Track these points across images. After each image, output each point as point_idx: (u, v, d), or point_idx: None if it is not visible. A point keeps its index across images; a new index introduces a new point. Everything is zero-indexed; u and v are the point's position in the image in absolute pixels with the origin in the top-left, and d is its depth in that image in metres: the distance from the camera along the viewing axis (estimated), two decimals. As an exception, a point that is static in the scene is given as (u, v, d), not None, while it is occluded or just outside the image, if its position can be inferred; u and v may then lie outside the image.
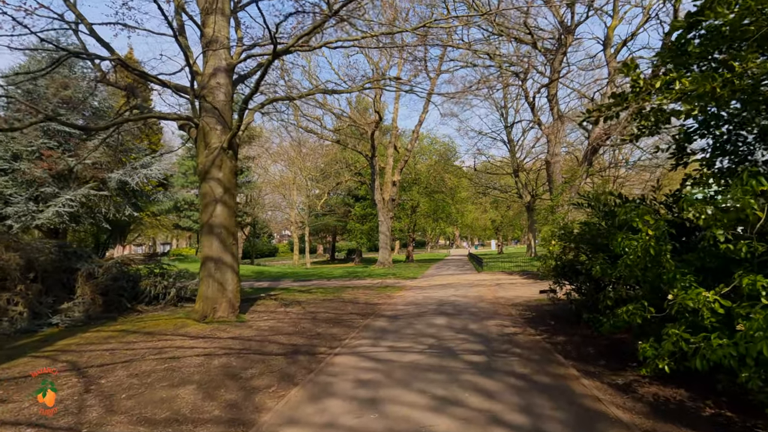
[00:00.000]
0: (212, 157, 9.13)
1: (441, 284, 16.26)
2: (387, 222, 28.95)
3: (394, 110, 29.89)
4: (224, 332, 7.77)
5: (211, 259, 9.10)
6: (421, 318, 8.76)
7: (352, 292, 14.12)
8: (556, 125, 22.42)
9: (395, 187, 29.25)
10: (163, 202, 41.81)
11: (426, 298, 12.19)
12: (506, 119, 32.73)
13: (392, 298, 12.61)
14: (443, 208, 41.30)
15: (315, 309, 10.58)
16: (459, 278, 18.60)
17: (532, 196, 31.39)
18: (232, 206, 9.38)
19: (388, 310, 10.11)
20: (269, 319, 9.22)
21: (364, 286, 16.53)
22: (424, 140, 42.98)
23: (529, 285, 14.26)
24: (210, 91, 9.20)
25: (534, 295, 11.63)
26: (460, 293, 12.89)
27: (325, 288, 15.89)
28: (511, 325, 7.61)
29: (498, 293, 12.51)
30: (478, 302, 10.77)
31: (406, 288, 15.35)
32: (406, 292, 13.88)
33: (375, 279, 19.79)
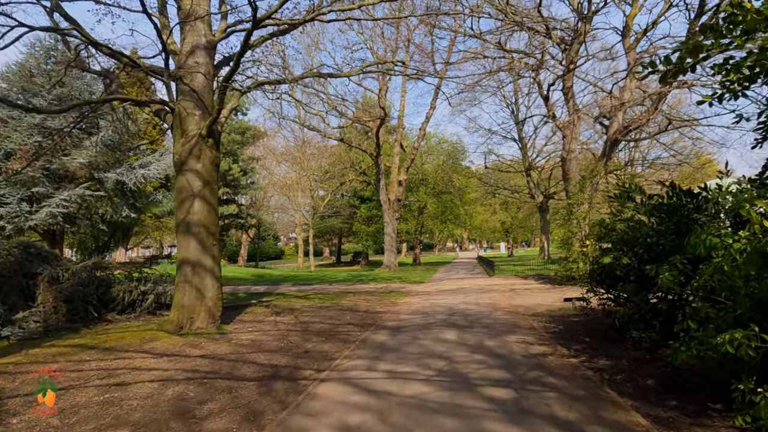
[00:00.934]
0: (189, 145, 8.02)
1: (450, 290, 15.00)
2: (393, 223, 27.77)
3: (400, 107, 28.75)
4: (196, 348, 6.62)
5: (188, 263, 7.97)
6: (427, 331, 7.53)
7: (353, 299, 12.93)
8: (572, 119, 21.07)
9: (401, 187, 28.06)
10: (163, 204, 41.40)
11: (434, 305, 10.95)
12: (517, 116, 31.40)
13: (396, 305, 11.39)
14: (451, 210, 39.97)
15: (309, 318, 9.41)
16: (469, 283, 17.32)
17: (545, 196, 29.98)
18: (212, 202, 8.26)
19: (390, 321, 8.90)
20: (254, 331, 8.06)
21: (366, 291, 15.33)
22: (431, 139, 41.79)
23: (548, 291, 12.95)
24: (188, 72, 8.10)
25: (556, 303, 10.34)
26: (472, 300, 11.63)
27: (325, 293, 14.72)
28: (537, 342, 6.36)
29: (514, 300, 11.23)
30: (493, 311, 9.50)
31: (411, 294, 14.13)
32: (411, 299, 12.66)
33: (379, 283, 18.59)
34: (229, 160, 43.41)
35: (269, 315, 9.93)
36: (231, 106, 8.77)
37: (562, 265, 14.71)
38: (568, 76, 20.50)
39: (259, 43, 9.25)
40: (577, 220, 14.17)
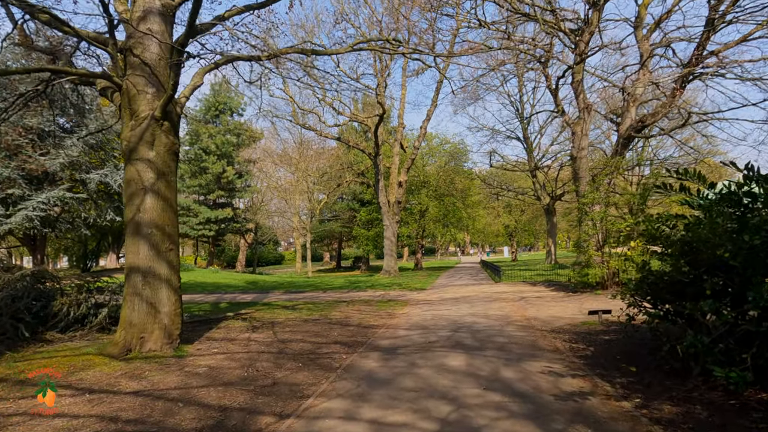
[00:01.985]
0: (140, 129, 6.67)
1: (453, 298, 13.58)
2: (393, 227, 26.39)
3: (400, 106, 27.45)
4: (135, 380, 5.23)
5: (138, 271, 6.60)
6: (428, 354, 6.13)
7: (346, 309, 11.53)
8: (583, 115, 19.71)
9: (401, 189, 26.71)
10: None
11: (436, 317, 9.54)
12: (522, 114, 30.07)
13: (393, 317, 9.99)
14: (454, 213, 38.54)
15: (289, 335, 8.02)
16: (474, 290, 15.90)
17: (552, 198, 28.56)
18: (168, 198, 6.89)
19: (384, 338, 7.49)
20: (219, 353, 6.67)
21: (362, 299, 13.94)
22: (433, 140, 40.51)
23: (563, 300, 11.51)
24: (139, 42, 6.77)
25: (576, 315, 8.92)
26: (479, 311, 10.21)
27: (315, 303, 13.32)
28: (569, 373, 4.95)
29: (527, 311, 9.81)
30: (505, 325, 8.09)
31: (411, 303, 12.72)
32: (411, 309, 11.25)
33: (377, 290, 17.19)
34: (224, 162, 42.20)
35: (245, 331, 8.54)
36: (194, 85, 7.43)
37: (576, 271, 13.32)
38: (578, 68, 19.15)
39: (231, 15, 7.94)
40: (592, 222, 12.76)
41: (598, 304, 9.98)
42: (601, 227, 12.28)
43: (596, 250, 12.43)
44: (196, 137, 43.19)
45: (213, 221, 42.06)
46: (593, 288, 12.77)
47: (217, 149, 42.73)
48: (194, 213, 41.94)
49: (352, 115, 25.86)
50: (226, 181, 42.78)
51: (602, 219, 12.15)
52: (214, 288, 19.99)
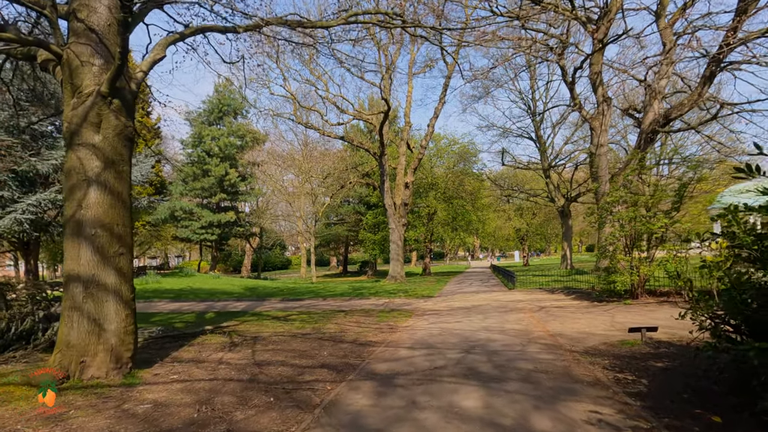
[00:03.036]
0: (84, 108, 5.51)
1: (464, 307, 12.24)
2: (399, 230, 25.10)
3: (406, 104, 26.24)
4: (49, 426, 4.01)
5: (78, 281, 5.41)
6: (433, 387, 4.83)
7: (343, 321, 10.26)
8: (602, 109, 18.29)
9: (408, 190, 25.44)
10: (157, 211, 39.24)
11: (444, 332, 8.23)
12: (534, 112, 28.66)
13: (395, 331, 8.70)
14: (463, 215, 37.10)
15: (270, 355, 6.77)
16: (486, 298, 14.52)
17: (567, 199, 27.04)
18: (119, 192, 5.71)
19: (382, 360, 6.21)
20: (178, 381, 5.45)
21: (363, 309, 12.66)
22: (441, 141, 39.16)
23: (589, 311, 10.11)
24: (84, 4, 5.63)
25: (609, 330, 7.53)
26: (494, 325, 8.87)
27: (311, 313, 12.07)
28: (627, 424, 3.61)
29: (550, 325, 8.44)
30: (527, 344, 6.75)
31: (417, 313, 11.40)
32: (416, 321, 9.94)
33: (381, 298, 15.90)
34: (227, 164, 41.33)
35: (220, 349, 7.31)
36: (154, 58, 6.27)
37: (602, 278, 11.90)
38: (597, 58, 17.77)
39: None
40: (619, 223, 11.34)
41: (633, 318, 8.59)
42: (630, 229, 10.86)
43: (624, 254, 11.02)
44: (199, 139, 42.44)
45: (216, 225, 41.15)
46: (620, 297, 11.35)
47: (220, 151, 41.90)
48: (197, 217, 41.09)
49: (356, 113, 24.73)
50: (229, 184, 41.89)
51: (631, 220, 10.73)
52: (208, 295, 18.86)
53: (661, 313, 8.99)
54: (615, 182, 12.47)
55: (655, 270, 10.51)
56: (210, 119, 43.88)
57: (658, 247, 10.83)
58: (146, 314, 12.86)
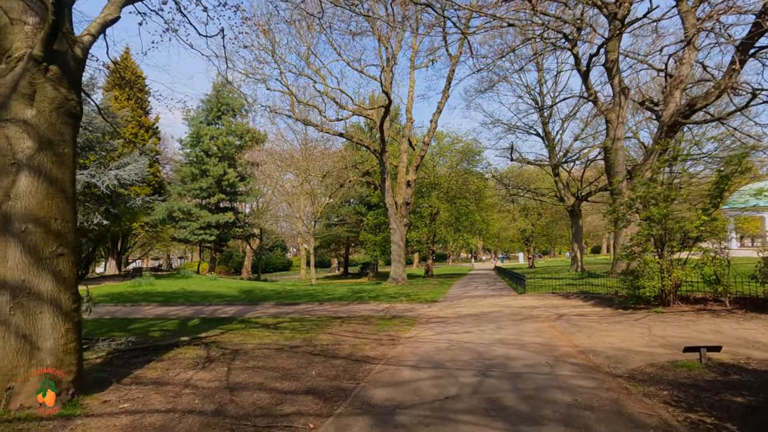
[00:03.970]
0: (14, 76, 4.46)
1: (473, 314, 11.14)
2: (400, 230, 24.02)
3: (408, 99, 25.19)
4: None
5: (5, 288, 4.35)
6: (446, 427, 3.74)
7: (338, 330, 9.18)
8: (619, 99, 17.17)
9: (410, 189, 24.36)
10: (156, 211, 38.28)
11: (453, 346, 7.13)
12: (542, 108, 27.54)
13: (396, 343, 7.61)
14: (467, 216, 35.96)
15: (248, 376, 5.70)
16: (496, 303, 13.42)
17: (577, 198, 25.88)
18: (60, 179, 4.65)
19: (380, 384, 5.13)
20: (127, 413, 4.38)
21: (361, 315, 11.58)
22: (444, 139, 38.07)
23: (616, 321, 8.98)
24: (14, -53, 4.57)
25: (651, 346, 6.40)
26: (510, 337, 7.77)
27: (305, 320, 11.00)
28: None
29: (576, 338, 7.33)
30: (556, 366, 5.65)
31: (421, 321, 10.31)
32: (420, 331, 8.86)
33: (381, 302, 14.82)
34: (225, 164, 40.36)
35: (191, 366, 6.25)
36: (105, 18, 5.21)
37: (628, 282, 10.77)
38: (614, 45, 16.66)
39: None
40: (648, 221, 10.21)
41: (674, 331, 7.46)
42: (661, 227, 9.74)
43: (654, 255, 9.89)
44: (197, 139, 41.50)
45: (214, 226, 40.16)
46: (648, 304, 10.21)
47: (219, 151, 40.95)
48: (195, 217, 40.12)
49: (356, 109, 23.69)
50: (228, 184, 40.91)
51: (663, 217, 9.61)
52: (201, 298, 17.81)
53: (704, 324, 7.87)
54: (640, 175, 11.34)
55: (690, 274, 9.39)
56: (208, 118, 42.97)
57: (692, 248, 9.71)
58: (126, 321, 11.83)
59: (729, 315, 8.55)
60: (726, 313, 8.77)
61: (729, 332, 6.94)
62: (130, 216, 32.83)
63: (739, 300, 9.34)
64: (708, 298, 9.99)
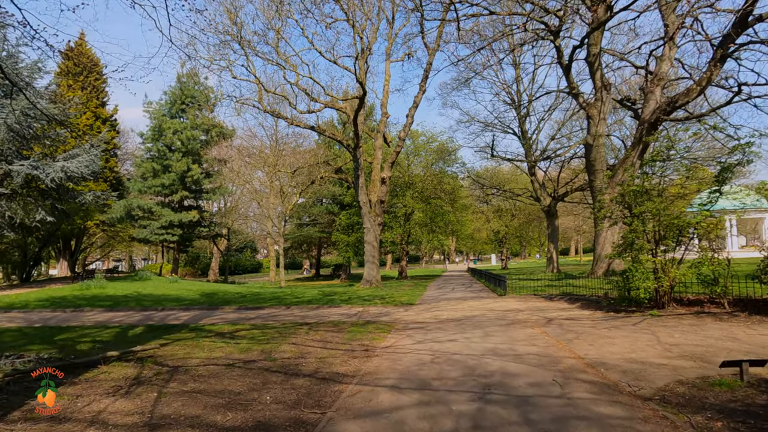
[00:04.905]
0: None
1: (454, 319, 10.14)
2: (374, 230, 22.92)
3: (384, 93, 24.13)
4: None
5: None
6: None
7: (304, 339, 7.96)
8: (600, 95, 16.72)
9: (384, 186, 23.30)
10: (113, 209, 35.59)
11: (438, 359, 6.07)
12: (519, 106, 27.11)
13: (371, 355, 6.48)
14: (441, 216, 35.28)
15: (180, 405, 4.42)
16: (477, 306, 12.51)
17: (554, 198, 25.55)
18: None
19: (352, 416, 3.98)
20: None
21: (332, 321, 10.38)
22: (419, 138, 37.29)
23: (614, 326, 8.17)
24: None
25: (667, 357, 5.53)
26: (502, 346, 6.78)
27: (268, 327, 9.69)
28: None
29: (576, 347, 6.42)
30: (566, 385, 4.66)
31: (398, 327, 9.21)
32: (398, 339, 7.75)
33: (354, 306, 13.64)
34: (189, 159, 38.06)
35: (112, 392, 4.90)
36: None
37: (617, 283, 10.06)
38: (596, 38, 16.19)
39: None
40: (640, 217, 9.52)
41: (685, 337, 6.67)
42: (656, 224, 9.05)
43: (650, 254, 9.19)
44: (159, 133, 38.97)
45: (177, 225, 37.77)
46: (640, 306, 9.52)
47: (183, 146, 38.61)
48: (156, 216, 37.61)
49: (329, 101, 22.42)
50: (192, 181, 38.60)
51: (658, 213, 8.91)
52: (154, 303, 16.08)
53: (712, 329, 7.13)
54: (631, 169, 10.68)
55: (687, 273, 8.72)
56: (172, 111, 40.48)
57: (688, 246, 9.07)
58: (57, 330, 10.16)
59: (733, 318, 7.90)
60: (728, 316, 8.12)
61: (746, 339, 6.20)
62: (83, 214, 30.26)
63: (738, 302, 8.74)
64: (703, 300, 9.38)
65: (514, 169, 38.53)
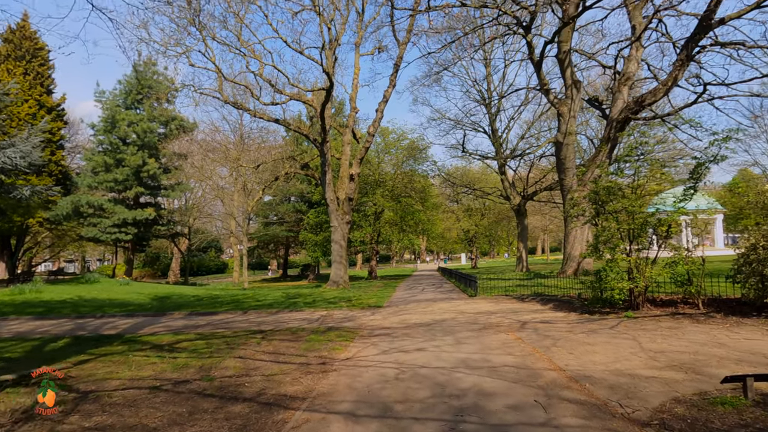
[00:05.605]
0: None
1: (423, 323, 9.44)
2: (342, 228, 22.02)
3: (353, 87, 23.24)
4: None
5: None
6: None
7: (253, 352, 7.01)
8: (571, 92, 16.53)
9: (353, 183, 22.43)
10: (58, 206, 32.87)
11: (404, 375, 5.30)
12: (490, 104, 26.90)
13: (327, 371, 5.64)
14: (412, 215, 34.75)
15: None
16: (447, 309, 11.88)
17: (523, 197, 25.47)
18: None
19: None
20: None
21: (290, 328, 9.45)
22: (389, 135, 36.61)
23: (589, 329, 7.69)
24: None
25: (654, 366, 4.98)
26: (475, 356, 6.10)
27: (215, 336, 8.64)
28: None
29: (556, 356, 5.82)
30: (553, 407, 3.99)
31: (361, 333, 8.40)
32: (360, 349, 6.94)
33: (317, 310, 12.73)
34: (145, 153, 35.81)
35: (-14, 432, 3.83)
36: None
37: (591, 283, 9.66)
38: (566, 35, 15.98)
39: None
40: (614, 215, 9.14)
41: (668, 343, 6.19)
42: (631, 221, 8.67)
43: (624, 253, 8.81)
44: (112, 124, 36.42)
45: (131, 223, 35.44)
46: (614, 307, 9.13)
47: (138, 139, 36.30)
48: (108, 213, 35.12)
49: (295, 93, 21.31)
50: (148, 176, 36.35)
51: (633, 211, 8.52)
52: (94, 309, 14.53)
53: (695, 333, 6.73)
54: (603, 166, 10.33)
55: (662, 273, 8.37)
56: (127, 102, 37.99)
57: (662, 245, 8.74)
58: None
59: (710, 320, 7.58)
60: (704, 317, 7.80)
61: (733, 344, 5.79)
62: (23, 211, 27.69)
63: (712, 302, 8.48)
64: (677, 300, 9.11)
65: (484, 168, 38.55)
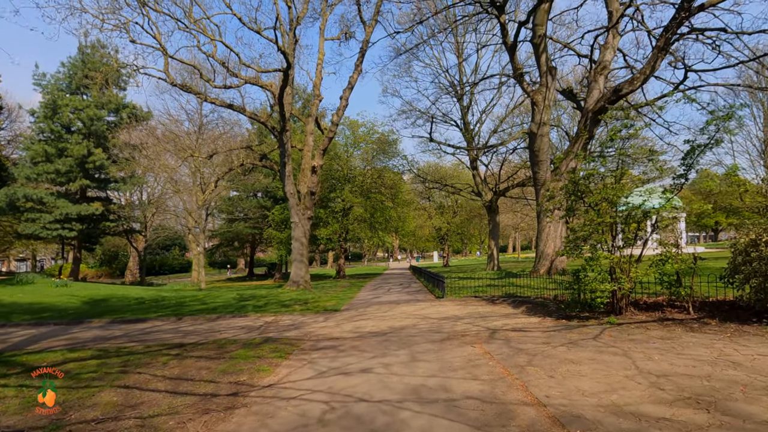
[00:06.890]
0: None
1: (378, 332, 8.06)
2: (303, 224, 20.42)
3: (317, 73, 21.60)
4: None
5: None
6: None
7: (150, 377, 5.42)
8: (546, 80, 15.54)
9: (315, 176, 20.83)
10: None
11: (330, 415, 3.89)
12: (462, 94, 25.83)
13: (234, 407, 4.15)
14: (382, 212, 33.41)
15: None
16: (410, 313, 10.56)
17: (495, 193, 24.56)
18: None
19: None
20: None
21: (219, 340, 7.86)
22: (359, 129, 35.10)
23: (570, 340, 6.51)
24: None
25: (661, 398, 3.77)
26: (432, 382, 4.75)
27: (121, 352, 6.96)
28: None
29: (534, 381, 4.55)
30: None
31: (302, 346, 6.93)
32: (291, 370, 5.48)
33: (265, 315, 11.15)
34: (91, 143, 32.88)
35: None
36: None
37: (570, 284, 8.55)
38: (542, 19, 14.96)
39: None
40: (595, 208, 8.03)
41: (670, 361, 5.02)
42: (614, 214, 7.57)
43: (606, 251, 7.71)
44: (53, 110, 33.24)
45: (75, 219, 32.48)
46: (593, 311, 8.05)
47: (84, 127, 33.34)
48: (49, 207, 32.03)
49: (250, 77, 19.48)
50: (94, 167, 33.45)
51: (616, 203, 7.42)
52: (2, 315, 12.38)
53: (695, 346, 5.62)
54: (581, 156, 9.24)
55: (649, 273, 7.31)
56: (71, 87, 34.84)
57: (648, 241, 7.70)
58: None
59: (705, 328, 6.54)
60: (698, 324, 6.78)
61: (749, 363, 4.68)
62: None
63: (704, 306, 7.50)
64: (662, 303, 8.11)
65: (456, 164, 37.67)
